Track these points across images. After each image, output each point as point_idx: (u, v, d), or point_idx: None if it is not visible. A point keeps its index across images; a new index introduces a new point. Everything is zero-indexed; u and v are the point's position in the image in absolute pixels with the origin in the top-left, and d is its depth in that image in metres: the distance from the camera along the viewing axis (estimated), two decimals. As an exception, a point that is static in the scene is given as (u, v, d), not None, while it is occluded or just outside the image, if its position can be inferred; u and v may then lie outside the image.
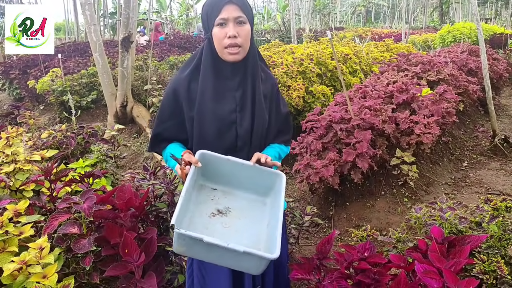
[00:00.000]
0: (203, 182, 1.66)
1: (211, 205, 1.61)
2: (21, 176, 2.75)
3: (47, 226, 1.91)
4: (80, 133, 3.62)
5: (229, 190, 1.67)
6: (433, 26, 27.76)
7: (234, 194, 1.66)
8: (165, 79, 7.19)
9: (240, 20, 1.55)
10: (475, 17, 5.20)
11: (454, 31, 13.04)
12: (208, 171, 1.62)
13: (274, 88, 1.76)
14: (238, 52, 1.57)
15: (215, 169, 1.61)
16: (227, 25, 1.54)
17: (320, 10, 34.41)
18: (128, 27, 6.24)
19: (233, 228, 1.54)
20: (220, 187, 1.67)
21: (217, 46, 1.58)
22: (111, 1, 24.43)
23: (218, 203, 1.62)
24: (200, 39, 13.74)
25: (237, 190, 1.66)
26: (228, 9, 1.53)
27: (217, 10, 1.54)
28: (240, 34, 1.55)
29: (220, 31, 1.55)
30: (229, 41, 1.54)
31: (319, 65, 5.71)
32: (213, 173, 1.63)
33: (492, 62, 7.27)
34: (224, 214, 1.59)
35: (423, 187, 3.85)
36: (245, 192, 1.66)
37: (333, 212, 3.71)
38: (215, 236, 1.47)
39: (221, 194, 1.66)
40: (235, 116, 1.63)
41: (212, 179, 1.65)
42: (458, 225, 2.13)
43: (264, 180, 1.61)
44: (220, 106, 1.63)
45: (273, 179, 1.60)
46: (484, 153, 4.97)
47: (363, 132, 3.47)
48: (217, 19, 1.54)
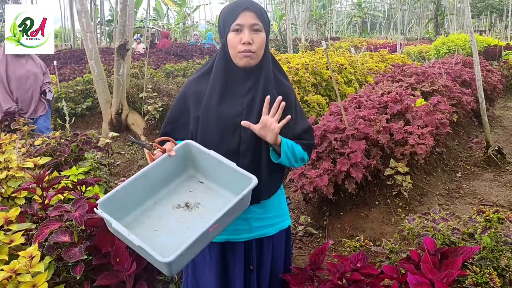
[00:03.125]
0: (194, 173, 1.66)
1: (183, 197, 1.60)
2: (13, 183, 2.73)
3: (38, 234, 1.89)
4: (74, 140, 3.60)
5: (214, 187, 1.64)
6: (428, 37, 28.05)
7: (217, 192, 1.63)
8: (161, 87, 7.20)
9: (255, 28, 1.56)
10: (469, 29, 5.26)
11: (448, 42, 13.19)
12: (198, 164, 1.62)
13: (288, 98, 1.66)
14: (251, 57, 1.57)
15: (203, 163, 1.60)
16: (242, 31, 1.55)
17: (317, 20, 34.70)
18: (125, 35, 6.25)
19: (185, 225, 1.51)
20: (207, 182, 1.65)
21: (231, 51, 1.59)
22: (108, 8, 24.51)
23: (192, 197, 1.60)
24: (196, 48, 13.79)
25: (221, 188, 1.62)
26: (245, 16, 1.54)
27: (234, 15, 1.55)
28: (254, 41, 1.55)
29: (235, 37, 1.56)
30: (243, 47, 1.54)
31: (315, 74, 5.74)
32: (202, 167, 1.62)
33: (486, 73, 7.35)
34: (189, 209, 1.56)
35: (417, 197, 3.86)
36: (226, 191, 1.60)
37: (327, 222, 3.70)
38: (161, 228, 1.48)
39: (203, 189, 1.63)
40: (240, 120, 1.59)
41: (202, 172, 1.64)
42: (451, 236, 2.14)
43: (237, 182, 1.52)
44: (226, 108, 1.61)
45: (244, 182, 1.50)
46: (477, 164, 5.00)
47: (358, 142, 3.48)
48: (233, 25, 1.55)
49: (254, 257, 1.75)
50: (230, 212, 1.41)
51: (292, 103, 1.69)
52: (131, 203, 1.53)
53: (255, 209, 1.70)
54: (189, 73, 9.26)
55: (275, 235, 1.78)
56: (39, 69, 4.85)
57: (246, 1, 1.58)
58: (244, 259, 1.73)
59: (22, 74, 4.66)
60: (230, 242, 1.72)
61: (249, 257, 1.74)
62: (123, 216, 1.50)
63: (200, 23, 40.11)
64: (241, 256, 1.72)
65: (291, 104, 1.69)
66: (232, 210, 1.42)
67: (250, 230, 1.71)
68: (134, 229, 1.49)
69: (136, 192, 1.52)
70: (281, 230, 1.81)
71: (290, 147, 1.64)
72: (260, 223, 1.73)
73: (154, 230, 1.50)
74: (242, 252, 1.73)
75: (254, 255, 1.74)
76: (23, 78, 4.67)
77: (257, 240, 1.74)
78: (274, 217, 1.77)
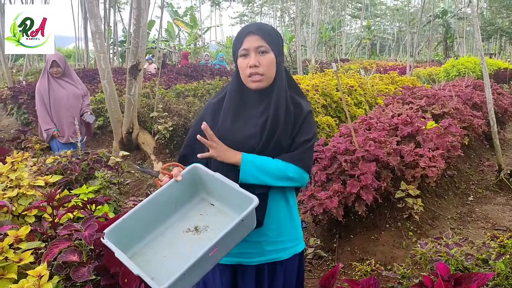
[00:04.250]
0: (206, 196, 1.65)
1: (193, 221, 1.59)
2: (24, 201, 2.74)
3: (47, 253, 1.89)
4: (85, 159, 3.63)
5: (224, 209, 1.63)
6: (437, 60, 28.09)
7: (227, 214, 1.61)
8: (171, 107, 7.26)
9: (261, 50, 1.59)
10: (480, 52, 5.26)
11: (458, 65, 13.18)
12: (208, 187, 1.61)
13: (300, 116, 1.65)
14: (261, 80, 1.59)
15: (212, 185, 1.60)
16: (249, 55, 1.59)
17: (326, 42, 35.01)
18: (137, 56, 6.35)
19: (193, 249, 1.49)
20: (218, 204, 1.64)
21: (242, 75, 1.63)
22: (121, 29, 25.02)
23: (202, 220, 1.60)
24: (207, 68, 13.94)
25: (231, 210, 1.60)
26: (249, 40, 1.58)
27: (240, 41, 1.60)
28: (261, 63, 1.58)
29: (243, 61, 1.60)
30: (251, 70, 1.58)
31: (325, 96, 5.76)
32: (213, 189, 1.62)
33: (497, 96, 7.32)
34: (198, 232, 1.56)
35: (428, 221, 3.80)
36: (235, 213, 1.56)
37: (336, 245, 3.65)
38: (170, 253, 1.48)
39: (214, 212, 1.63)
40: (254, 142, 1.61)
41: (213, 195, 1.64)
42: (464, 262, 2.09)
43: (245, 203, 1.48)
44: (240, 131, 1.63)
45: (246, 202, 1.46)
46: (489, 187, 4.93)
47: (368, 164, 3.46)
48: (240, 50, 1.60)
49: (265, 282, 1.71)
50: (230, 235, 1.39)
51: (299, 121, 1.64)
52: (139, 230, 1.53)
53: (268, 232, 1.67)
54: (200, 93, 9.33)
55: (288, 259, 1.74)
56: (80, 90, 4.75)
57: (252, 25, 1.62)
58: (255, 283, 1.71)
59: (62, 95, 4.56)
60: (241, 265, 1.69)
61: (261, 281, 1.71)
62: (132, 243, 1.51)
63: (211, 44, 40.72)
64: (253, 280, 1.69)
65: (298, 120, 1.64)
66: (233, 233, 1.40)
67: (263, 254, 1.68)
68: (143, 255, 1.49)
69: (143, 219, 1.53)
70: (295, 254, 1.77)
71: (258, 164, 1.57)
72: (273, 246, 1.69)
73: (163, 256, 1.50)
74: (254, 276, 1.70)
75: (266, 279, 1.71)
76: (63, 99, 4.56)
77: (269, 264, 1.71)
78: (288, 241, 1.73)
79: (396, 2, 51.08)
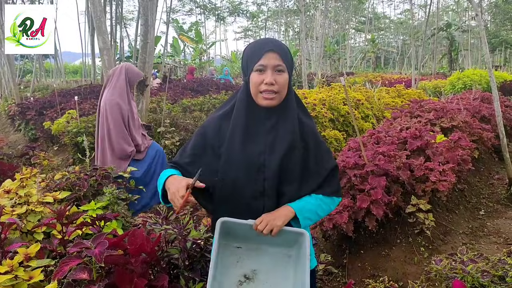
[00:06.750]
0: (226, 241, 1.61)
1: (237, 270, 1.56)
2: (33, 218, 2.73)
3: (57, 271, 1.86)
4: (93, 174, 3.62)
5: (253, 246, 1.61)
6: (442, 73, 28.11)
7: (258, 249, 1.60)
8: (178, 121, 7.28)
9: (279, 69, 1.57)
10: (488, 65, 5.24)
11: (464, 77, 13.17)
12: (229, 233, 1.58)
13: (310, 137, 1.68)
14: (273, 98, 1.57)
15: (237, 231, 1.57)
16: (265, 72, 1.56)
17: (330, 56, 35.16)
18: (144, 71, 6.39)
19: None
20: (244, 245, 1.61)
21: (253, 90, 1.60)
22: (127, 45, 25.28)
23: (244, 266, 1.57)
24: (212, 82, 14.02)
25: (261, 244, 1.59)
26: (269, 57, 1.55)
27: (257, 55, 1.56)
28: (277, 81, 1.56)
29: (258, 77, 1.57)
30: (265, 87, 1.55)
31: (332, 110, 5.76)
32: (236, 234, 1.59)
33: (505, 109, 7.28)
34: (251, 279, 1.54)
35: (440, 236, 3.75)
36: (270, 247, 1.58)
37: (347, 260, 3.60)
38: None
39: (246, 253, 1.60)
40: (263, 159, 1.59)
41: (235, 238, 1.61)
42: (480, 279, 2.05)
43: (287, 238, 1.54)
44: (249, 147, 1.61)
45: (297, 238, 1.53)
46: (500, 201, 4.86)
47: (378, 179, 3.43)
48: (257, 65, 1.56)
49: None
50: None
51: (312, 144, 1.67)
52: None
53: None
54: (206, 107, 9.36)
55: None
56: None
57: (271, 41, 1.60)
58: None
59: (136, 113, 4.35)
60: None
61: None
62: None
63: (215, 58, 41.01)
64: None
65: (312, 145, 1.66)
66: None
67: None
68: None
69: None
70: None
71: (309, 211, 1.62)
72: None
73: None
74: None
75: None
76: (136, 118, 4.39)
77: None
78: None
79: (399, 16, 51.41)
